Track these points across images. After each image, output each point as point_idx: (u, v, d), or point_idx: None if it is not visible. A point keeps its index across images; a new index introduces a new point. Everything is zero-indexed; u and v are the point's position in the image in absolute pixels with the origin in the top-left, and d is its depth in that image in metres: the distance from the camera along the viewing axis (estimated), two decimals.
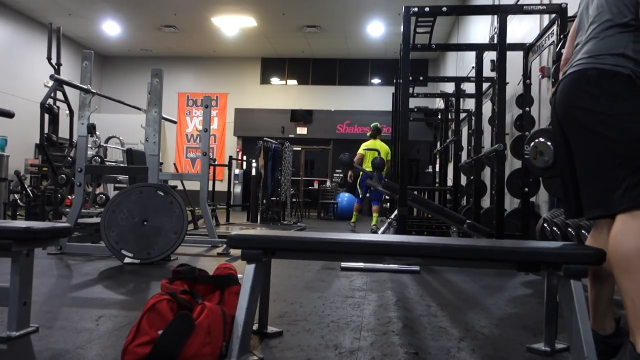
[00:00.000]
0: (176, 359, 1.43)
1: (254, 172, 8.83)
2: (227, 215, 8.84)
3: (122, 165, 6.47)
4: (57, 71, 6.00)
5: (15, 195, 7.75)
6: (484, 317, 2.28)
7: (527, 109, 4.25)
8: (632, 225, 1.44)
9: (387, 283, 3.09)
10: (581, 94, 1.58)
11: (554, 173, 3.18)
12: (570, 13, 3.59)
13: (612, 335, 1.64)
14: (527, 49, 4.38)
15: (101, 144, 6.56)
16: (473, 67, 5.25)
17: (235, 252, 4.21)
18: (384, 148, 7.69)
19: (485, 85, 5.11)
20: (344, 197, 11.36)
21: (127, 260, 3.45)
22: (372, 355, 1.68)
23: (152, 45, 14.27)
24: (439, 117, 9.49)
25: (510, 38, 4.10)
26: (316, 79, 15.07)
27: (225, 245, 4.41)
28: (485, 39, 7.55)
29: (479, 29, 8.38)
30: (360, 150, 7.75)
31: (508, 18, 4.02)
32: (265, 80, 15.31)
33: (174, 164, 11.94)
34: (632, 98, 1.50)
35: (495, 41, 4.43)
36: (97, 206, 6.18)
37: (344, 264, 3.58)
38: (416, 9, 3.94)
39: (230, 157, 9.68)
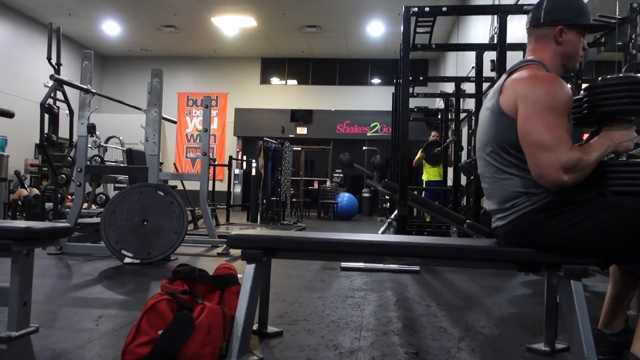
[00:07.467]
0: (176, 359, 1.43)
1: (254, 172, 8.82)
2: (227, 215, 8.83)
3: (122, 165, 6.46)
4: (57, 71, 5.99)
5: None
6: (484, 317, 2.28)
7: None
8: None
9: (387, 283, 3.09)
10: None
11: None
12: None
13: (618, 333, 1.64)
14: None
15: (101, 144, 6.54)
16: (473, 67, 5.24)
17: (235, 252, 4.21)
18: None
19: (485, 85, 5.11)
20: (344, 197, 11.35)
21: (127, 260, 3.45)
22: (372, 355, 1.68)
23: (152, 45, 14.26)
24: (439, 117, 9.48)
25: (510, 38, 4.09)
26: (316, 79, 15.05)
27: (225, 245, 4.41)
28: (485, 39, 7.54)
29: (479, 29, 8.37)
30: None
31: (508, 18, 4.02)
32: (265, 80, 15.30)
33: (174, 164, 11.93)
34: None
35: (495, 41, 4.42)
36: (97, 206, 6.17)
37: (344, 264, 3.58)
38: (416, 9, 3.94)
39: (230, 157, 9.67)
